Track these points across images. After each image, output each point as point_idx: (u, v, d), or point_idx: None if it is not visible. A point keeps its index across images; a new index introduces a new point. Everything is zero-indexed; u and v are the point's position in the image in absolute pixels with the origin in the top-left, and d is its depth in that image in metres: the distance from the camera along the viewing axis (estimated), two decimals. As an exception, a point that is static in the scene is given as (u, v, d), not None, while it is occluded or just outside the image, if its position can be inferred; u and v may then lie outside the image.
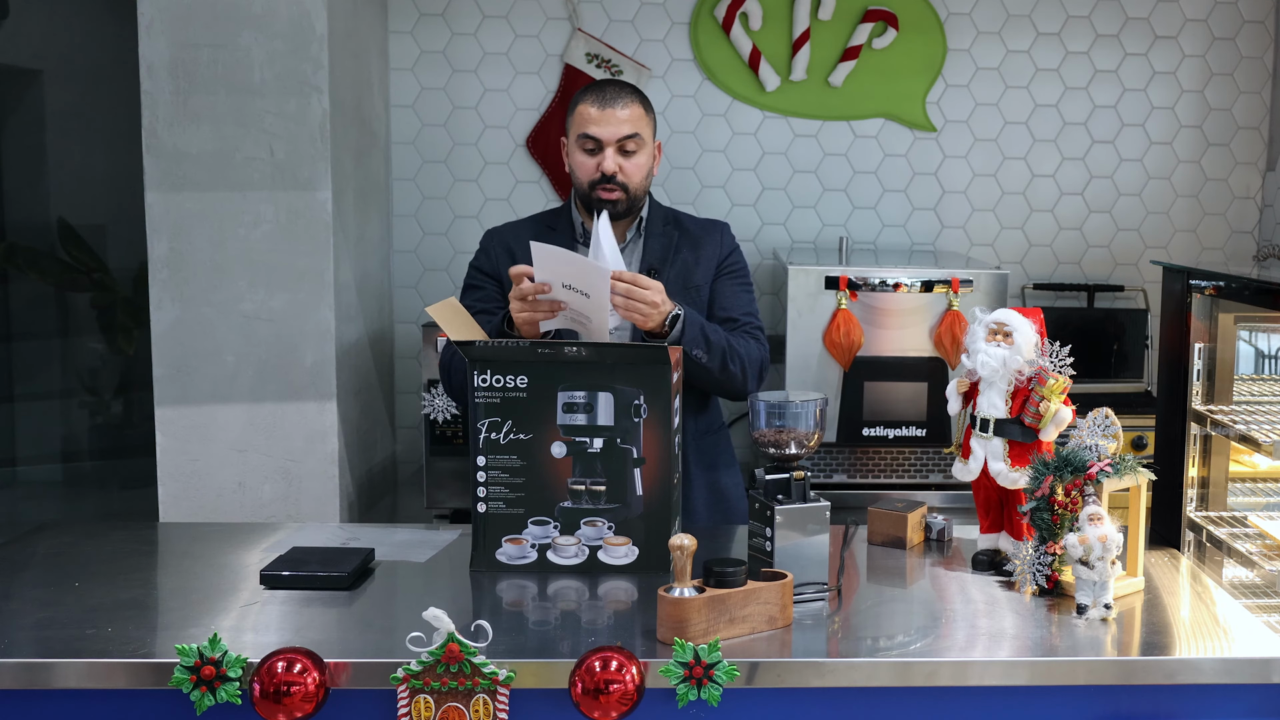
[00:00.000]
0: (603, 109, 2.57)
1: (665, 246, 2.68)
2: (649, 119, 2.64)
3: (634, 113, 2.59)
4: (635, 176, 2.60)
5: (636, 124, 2.59)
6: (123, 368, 5.64)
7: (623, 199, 2.60)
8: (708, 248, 2.71)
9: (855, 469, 3.48)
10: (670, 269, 2.65)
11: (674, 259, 2.67)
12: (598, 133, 2.57)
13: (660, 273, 2.63)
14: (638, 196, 2.63)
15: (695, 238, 2.72)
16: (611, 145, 2.57)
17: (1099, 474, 1.99)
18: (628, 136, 2.57)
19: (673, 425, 2.14)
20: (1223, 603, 2.09)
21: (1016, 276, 4.23)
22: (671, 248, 2.68)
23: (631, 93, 2.61)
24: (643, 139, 2.60)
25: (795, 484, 2.03)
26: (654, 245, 2.68)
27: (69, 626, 1.88)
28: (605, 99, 2.58)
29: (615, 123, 2.56)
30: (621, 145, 2.57)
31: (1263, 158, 4.25)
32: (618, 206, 2.60)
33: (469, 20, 4.10)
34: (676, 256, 2.68)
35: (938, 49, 4.14)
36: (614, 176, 2.57)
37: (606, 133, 2.57)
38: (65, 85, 5.65)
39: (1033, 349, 2.11)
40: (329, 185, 3.29)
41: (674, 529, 2.16)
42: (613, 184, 2.58)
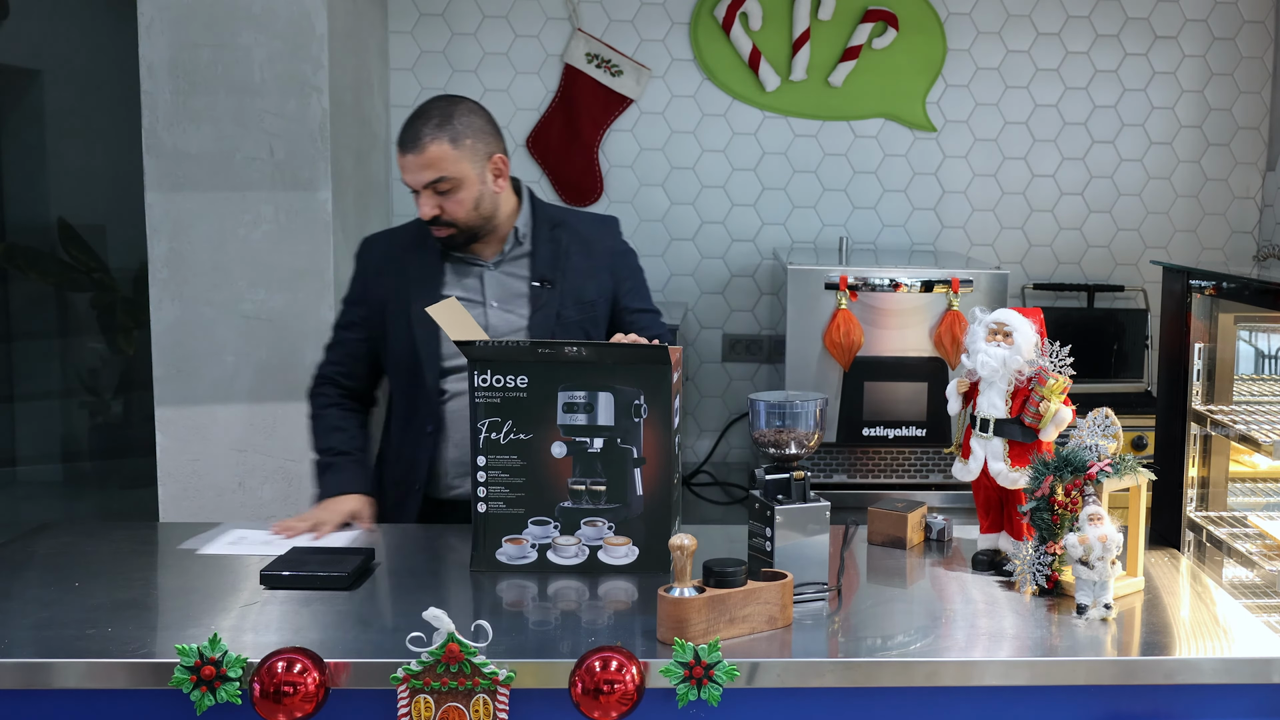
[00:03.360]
0: (404, 154, 2.44)
1: (554, 253, 2.58)
2: (463, 149, 2.43)
3: (435, 153, 2.41)
4: (459, 212, 2.46)
5: (441, 165, 2.42)
6: (123, 368, 5.64)
7: (455, 234, 2.50)
8: (599, 255, 2.61)
9: (855, 469, 3.48)
10: (563, 280, 2.56)
11: (565, 267, 2.57)
12: (407, 180, 2.46)
13: (553, 284, 2.56)
14: (472, 226, 2.51)
15: (585, 239, 2.61)
16: (423, 190, 2.45)
17: (1099, 474, 1.99)
18: (434, 181, 2.43)
19: (673, 425, 2.14)
20: (1223, 603, 2.09)
21: (1016, 276, 4.23)
22: (561, 253, 2.58)
23: (437, 127, 2.42)
24: (454, 178, 2.43)
25: (795, 484, 2.04)
26: (543, 253, 2.58)
27: (69, 626, 1.88)
28: (404, 143, 2.44)
29: (417, 169, 2.43)
30: (434, 188, 2.44)
31: (1263, 158, 4.25)
32: (453, 241, 2.52)
33: (469, 20, 4.10)
34: (567, 263, 2.58)
35: (938, 49, 4.14)
36: (436, 219, 2.47)
37: (410, 179, 2.45)
38: (65, 85, 5.66)
39: (1033, 349, 2.11)
40: (329, 185, 3.29)
41: (674, 529, 2.16)
42: (438, 224, 2.48)
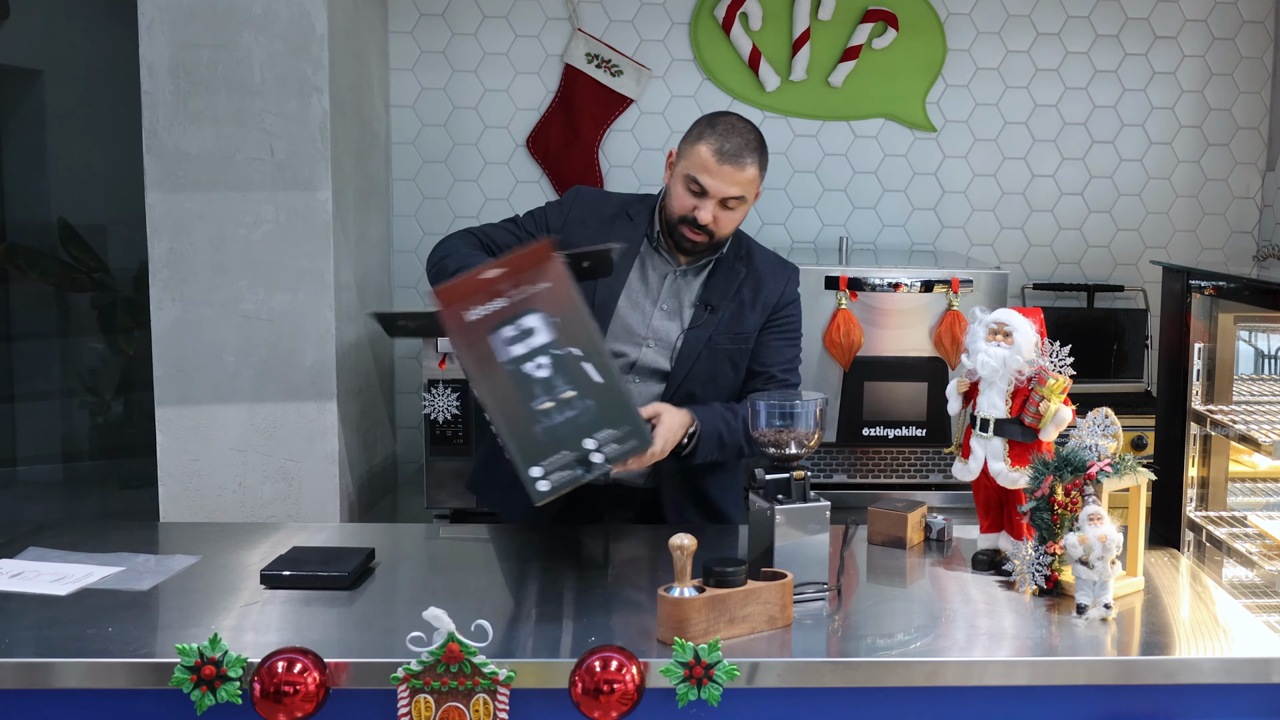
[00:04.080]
0: (721, 163, 2.44)
1: (728, 283, 2.60)
2: (760, 178, 2.52)
3: (749, 176, 2.47)
4: (726, 228, 2.51)
5: (748, 187, 2.48)
6: (123, 368, 5.64)
7: (705, 243, 2.52)
8: (768, 293, 2.62)
9: (855, 469, 3.48)
10: (726, 309, 2.58)
11: (733, 297, 2.59)
12: (708, 184, 2.45)
13: (716, 310, 2.58)
14: (723, 242, 2.57)
15: (760, 278, 2.62)
16: (716, 199, 2.47)
17: (1099, 474, 1.99)
18: (735, 197, 2.47)
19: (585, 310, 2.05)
20: (1223, 603, 2.09)
21: (1016, 276, 4.23)
22: (734, 286, 2.61)
23: (754, 152, 2.48)
24: (745, 200, 2.50)
25: (795, 484, 2.04)
26: (718, 280, 2.60)
27: (69, 626, 1.88)
28: (726, 153, 2.44)
29: (729, 182, 2.45)
30: (725, 202, 2.47)
31: (1263, 158, 4.25)
32: (698, 248, 2.53)
33: (469, 20, 4.10)
34: (736, 296, 2.60)
35: (938, 49, 4.14)
36: (706, 226, 2.48)
37: (716, 187, 2.45)
38: (65, 85, 5.66)
39: (1033, 349, 2.11)
40: (329, 185, 3.29)
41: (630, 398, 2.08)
42: (701, 230, 2.49)
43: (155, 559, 2.22)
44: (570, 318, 2.06)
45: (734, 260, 2.62)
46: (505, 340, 2.04)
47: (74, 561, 2.19)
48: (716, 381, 2.59)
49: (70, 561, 2.19)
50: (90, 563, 2.17)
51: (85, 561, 2.18)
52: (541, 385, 2.03)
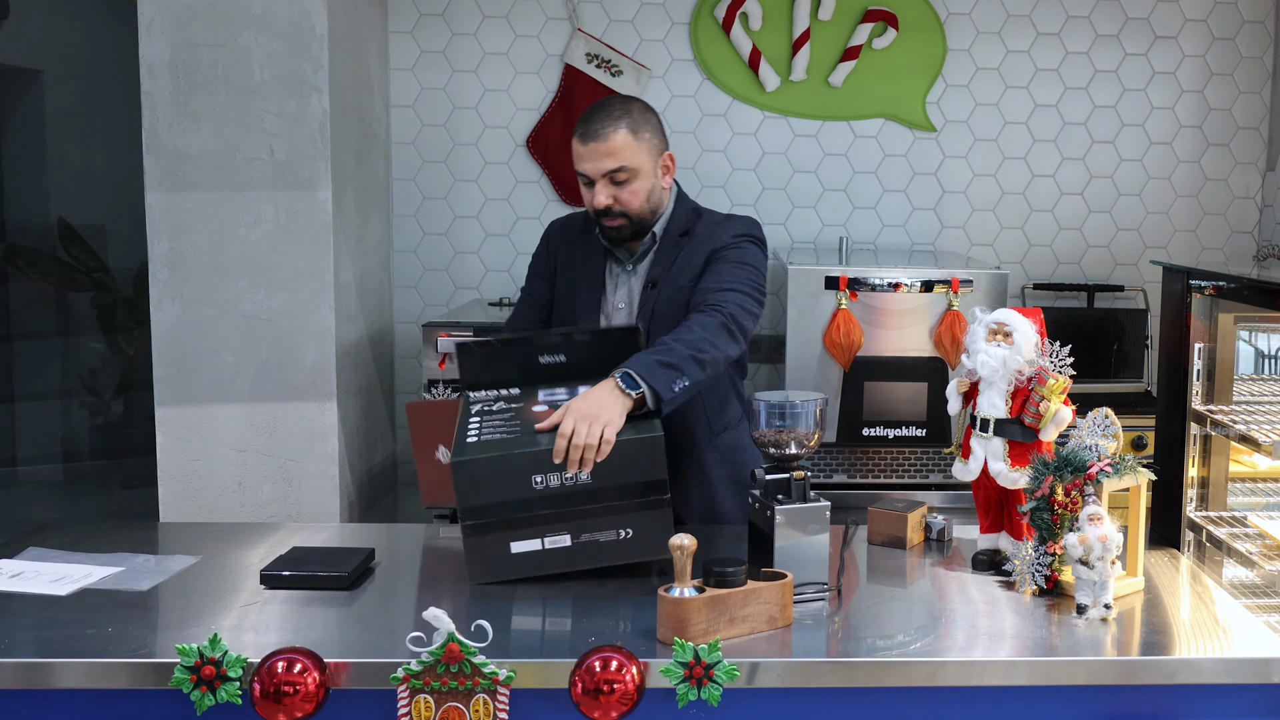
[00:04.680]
0: (586, 143, 2.45)
1: (670, 259, 2.58)
2: (642, 141, 2.48)
3: (619, 142, 2.45)
4: (633, 203, 2.49)
5: (623, 155, 2.45)
6: (123, 368, 5.65)
7: (625, 225, 2.52)
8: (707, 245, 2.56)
9: (855, 469, 3.48)
10: (666, 279, 2.55)
11: (674, 265, 2.56)
12: (586, 169, 2.47)
13: (657, 285, 2.56)
14: (644, 218, 2.53)
15: (701, 240, 2.57)
16: (600, 179, 2.47)
17: (1099, 474, 1.99)
18: (614, 170, 2.46)
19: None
20: (1223, 603, 2.09)
21: (1016, 276, 4.23)
22: (675, 260, 2.57)
23: (618, 119, 2.46)
24: (634, 168, 2.47)
25: (795, 484, 2.03)
26: (660, 259, 2.59)
27: (69, 626, 1.88)
28: (589, 132, 2.45)
29: (599, 157, 2.45)
30: (611, 177, 2.46)
31: (1263, 158, 4.25)
32: (621, 233, 2.54)
33: (469, 20, 4.10)
34: (677, 267, 2.56)
35: (938, 49, 4.14)
36: (609, 209, 2.49)
37: (592, 168, 2.46)
38: (65, 85, 5.66)
39: (1033, 349, 2.11)
40: (329, 185, 3.29)
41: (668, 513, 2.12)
42: (610, 214, 2.50)
43: (155, 559, 2.22)
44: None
45: (676, 237, 2.59)
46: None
47: (74, 561, 2.19)
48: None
49: (70, 561, 2.19)
50: (90, 563, 2.17)
51: (85, 561, 2.18)
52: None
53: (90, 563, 2.18)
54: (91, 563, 2.18)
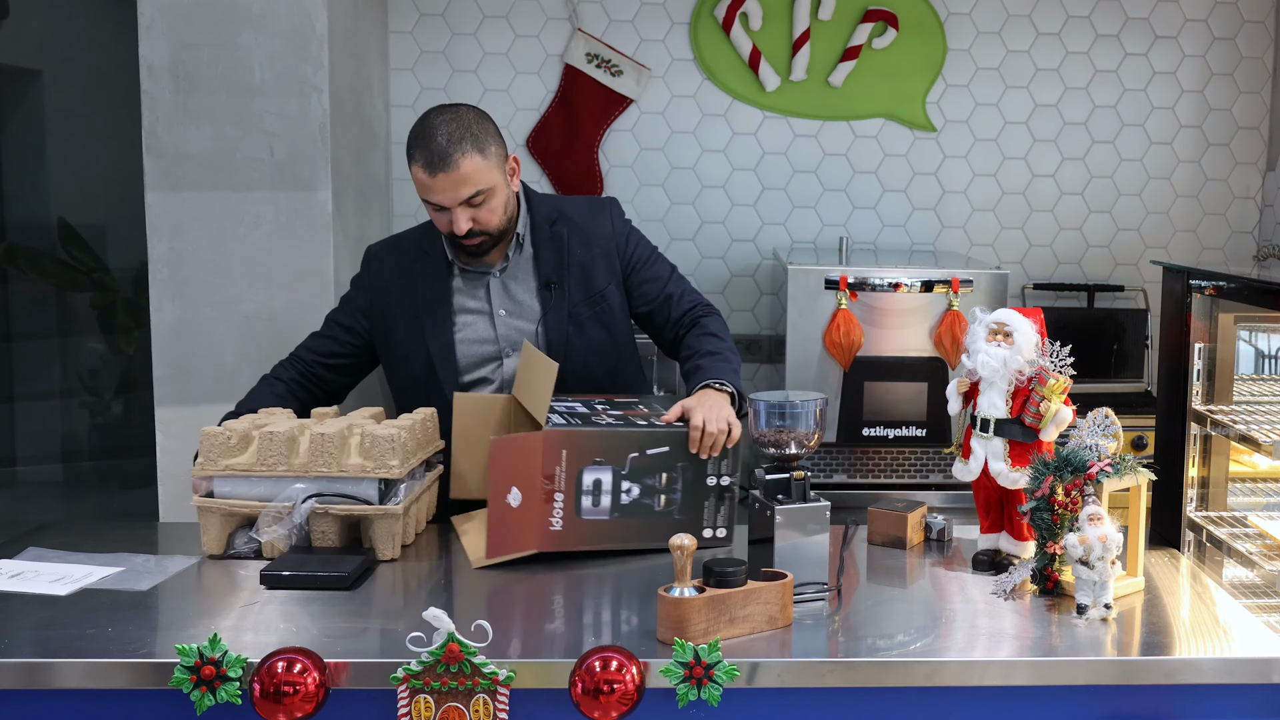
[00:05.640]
0: (434, 174, 2.37)
1: (557, 251, 2.57)
2: (489, 158, 2.42)
3: (469, 167, 2.38)
4: (491, 221, 2.46)
5: (475, 179, 2.39)
6: (123, 368, 5.64)
7: (487, 240, 2.50)
8: (600, 240, 2.59)
9: (855, 469, 3.48)
10: (570, 278, 2.56)
11: (570, 264, 2.56)
12: (437, 200, 2.40)
13: (560, 285, 2.55)
14: (502, 229, 2.51)
15: (584, 230, 2.59)
16: (456, 207, 2.41)
17: (1099, 474, 1.99)
18: (471, 196, 2.40)
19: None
20: (1223, 603, 2.09)
21: (1016, 276, 4.23)
22: (564, 250, 2.57)
23: (460, 141, 2.37)
24: (488, 188, 2.42)
25: (795, 484, 2.04)
26: (546, 255, 2.57)
27: (69, 626, 1.88)
28: (434, 161, 2.36)
29: (452, 187, 2.38)
30: (469, 202, 2.41)
31: (1263, 158, 4.25)
32: (484, 247, 2.51)
33: (469, 20, 4.10)
34: (571, 259, 2.57)
35: (938, 49, 4.14)
36: (470, 231, 2.45)
37: (447, 198, 2.39)
38: (65, 85, 5.66)
39: (1033, 349, 2.11)
40: (329, 185, 3.29)
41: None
42: (471, 235, 2.46)
43: (155, 559, 2.22)
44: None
45: (548, 227, 2.58)
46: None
47: (74, 561, 2.18)
48: (593, 348, 2.59)
49: (70, 561, 2.19)
50: (90, 563, 2.17)
51: (85, 562, 2.18)
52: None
53: (90, 563, 2.17)
54: (91, 563, 2.17)
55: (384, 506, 2.19)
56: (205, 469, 2.22)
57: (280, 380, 2.64)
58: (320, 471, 2.20)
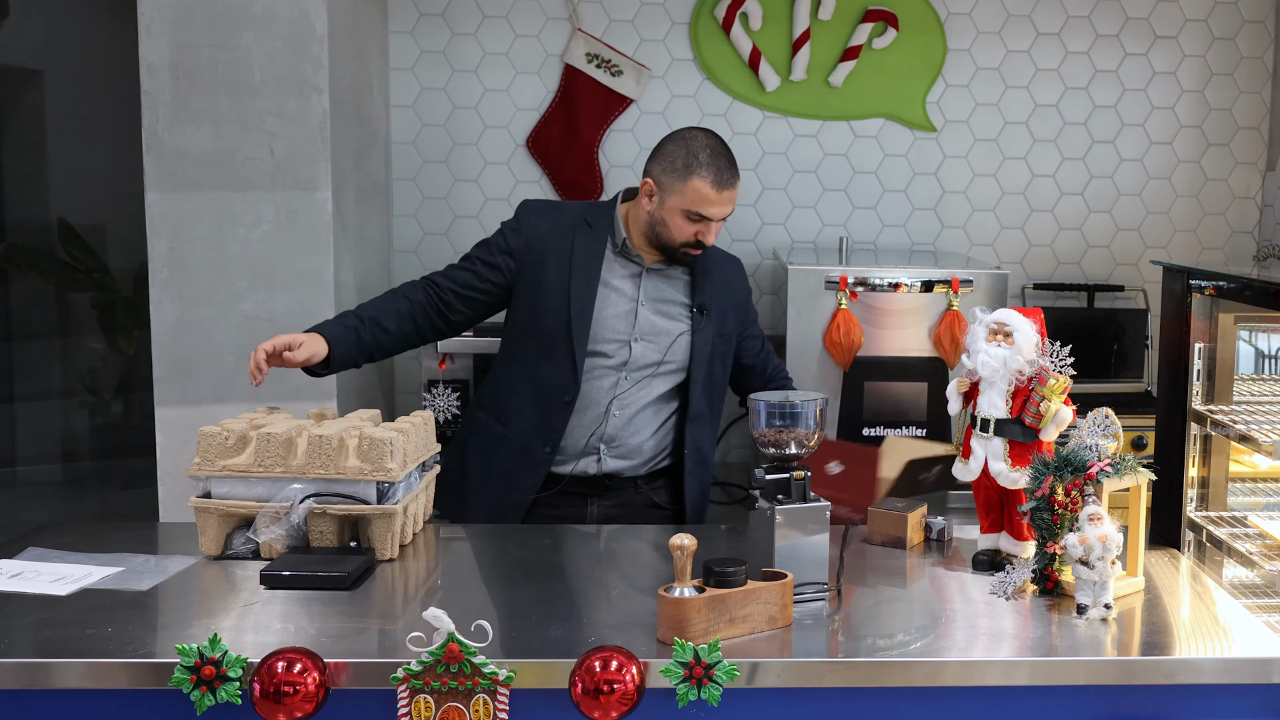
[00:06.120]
0: (720, 191, 2.56)
1: (709, 284, 2.71)
2: None
3: (738, 189, 2.62)
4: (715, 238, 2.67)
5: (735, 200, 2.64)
6: (123, 368, 5.64)
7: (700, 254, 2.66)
8: (736, 292, 2.78)
9: (855, 469, 3.48)
10: (713, 310, 2.70)
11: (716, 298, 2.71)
12: (714, 213, 2.58)
13: (709, 313, 2.68)
14: None
15: (728, 278, 2.77)
16: (719, 220, 2.60)
17: (1099, 474, 1.99)
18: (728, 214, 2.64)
19: None
20: (1223, 603, 2.09)
21: (1016, 276, 4.23)
22: (714, 286, 2.72)
23: (735, 167, 2.62)
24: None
25: (795, 484, 2.03)
26: (703, 282, 2.70)
27: (69, 626, 1.88)
28: (723, 180, 2.57)
29: (728, 204, 2.59)
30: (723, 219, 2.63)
31: (1263, 158, 4.25)
32: (690, 258, 2.65)
33: (469, 20, 4.10)
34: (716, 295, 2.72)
35: (938, 49, 4.14)
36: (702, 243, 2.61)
37: (719, 213, 2.59)
38: (65, 85, 5.66)
39: (1033, 349, 2.11)
40: (329, 185, 3.29)
41: None
42: (702, 246, 2.62)
43: (155, 559, 2.21)
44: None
45: (705, 260, 2.71)
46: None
47: (74, 562, 2.18)
48: (714, 379, 2.73)
49: (70, 562, 2.18)
50: (90, 563, 2.17)
51: (85, 562, 2.18)
52: None
53: (90, 563, 2.17)
54: (91, 563, 2.17)
55: (382, 506, 2.19)
56: (202, 469, 2.22)
57: (407, 299, 2.68)
58: (318, 474, 2.20)
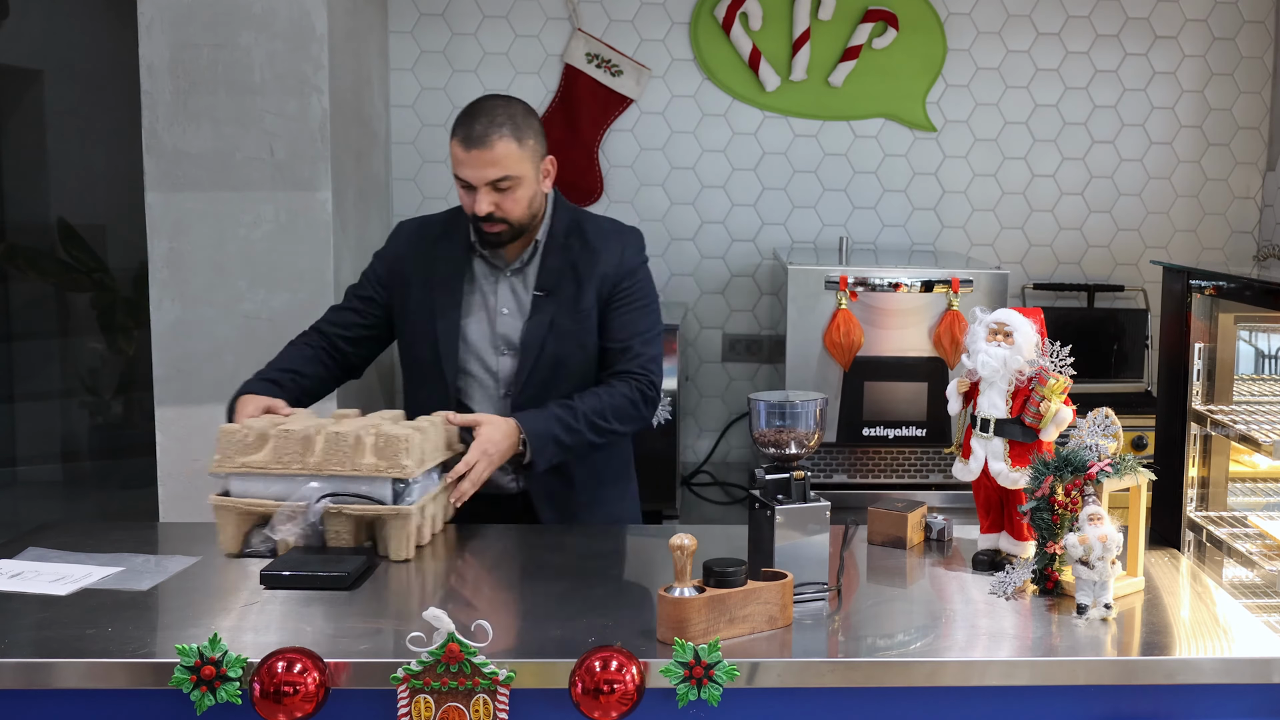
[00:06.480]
0: (469, 149, 2.42)
1: (562, 264, 2.58)
2: (525, 149, 2.47)
3: (502, 150, 2.42)
4: (514, 211, 2.49)
5: (506, 164, 2.43)
6: (123, 368, 5.64)
7: (505, 230, 2.51)
8: (604, 265, 2.59)
9: (855, 469, 3.48)
10: (563, 290, 2.57)
11: (569, 278, 2.58)
12: (466, 176, 2.45)
13: (552, 293, 2.56)
14: (523, 224, 2.54)
15: (594, 251, 2.59)
16: (483, 187, 2.45)
17: (1099, 474, 1.99)
18: (497, 179, 2.44)
19: None
20: (1223, 603, 2.09)
21: (1016, 276, 4.23)
22: (568, 265, 2.58)
23: (502, 125, 2.43)
24: (517, 176, 2.46)
25: (795, 484, 2.03)
26: (550, 264, 2.58)
27: (69, 626, 1.88)
28: (471, 137, 2.42)
29: (482, 165, 2.42)
30: (494, 185, 2.45)
31: (1263, 158, 4.25)
32: (501, 238, 2.53)
33: (469, 20, 4.10)
34: (571, 276, 2.58)
35: (938, 49, 4.14)
36: (490, 215, 2.48)
37: (474, 175, 2.44)
38: (65, 85, 5.66)
39: (1033, 349, 2.11)
40: (329, 185, 3.29)
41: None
42: (491, 220, 2.48)
43: (155, 559, 2.21)
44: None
45: (565, 239, 2.60)
46: None
47: (74, 561, 2.18)
48: (567, 365, 2.58)
49: (70, 561, 2.18)
50: (90, 563, 2.17)
51: (85, 562, 2.18)
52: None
53: (90, 563, 2.17)
54: (91, 563, 2.17)
55: (397, 506, 2.18)
56: (222, 466, 2.23)
57: (309, 345, 2.66)
58: (335, 470, 2.19)
